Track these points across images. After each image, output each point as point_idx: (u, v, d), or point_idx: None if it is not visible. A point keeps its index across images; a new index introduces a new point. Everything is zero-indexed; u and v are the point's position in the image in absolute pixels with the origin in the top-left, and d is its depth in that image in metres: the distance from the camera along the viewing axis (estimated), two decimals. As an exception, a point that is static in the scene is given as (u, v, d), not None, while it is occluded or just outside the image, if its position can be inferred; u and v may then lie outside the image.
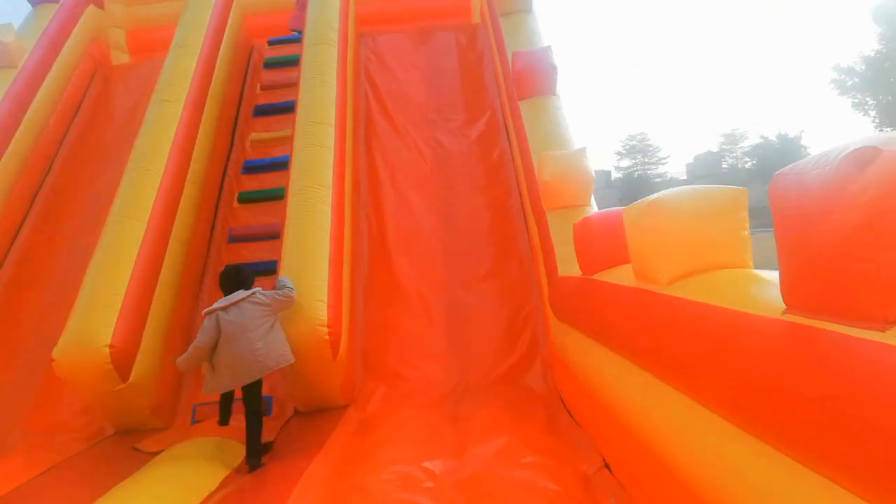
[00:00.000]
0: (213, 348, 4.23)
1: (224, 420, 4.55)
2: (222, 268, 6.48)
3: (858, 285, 1.39)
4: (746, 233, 2.55)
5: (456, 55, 8.72)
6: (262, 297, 4.37)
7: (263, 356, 4.25)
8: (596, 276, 3.79)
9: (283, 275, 4.94)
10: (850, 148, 1.37)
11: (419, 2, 9.89)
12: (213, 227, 7.07)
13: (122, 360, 4.73)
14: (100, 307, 4.83)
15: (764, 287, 2.03)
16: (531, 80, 6.43)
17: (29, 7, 8.18)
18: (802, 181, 1.52)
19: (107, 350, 4.63)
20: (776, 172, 1.68)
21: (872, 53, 32.53)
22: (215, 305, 4.31)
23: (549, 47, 6.80)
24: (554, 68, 6.50)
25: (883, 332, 1.34)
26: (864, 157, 1.33)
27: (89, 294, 4.92)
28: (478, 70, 8.46)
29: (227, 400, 4.50)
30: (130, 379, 4.86)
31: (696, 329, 2.21)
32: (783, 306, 1.71)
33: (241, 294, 4.32)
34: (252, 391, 4.35)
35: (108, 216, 5.54)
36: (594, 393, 3.90)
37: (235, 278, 4.46)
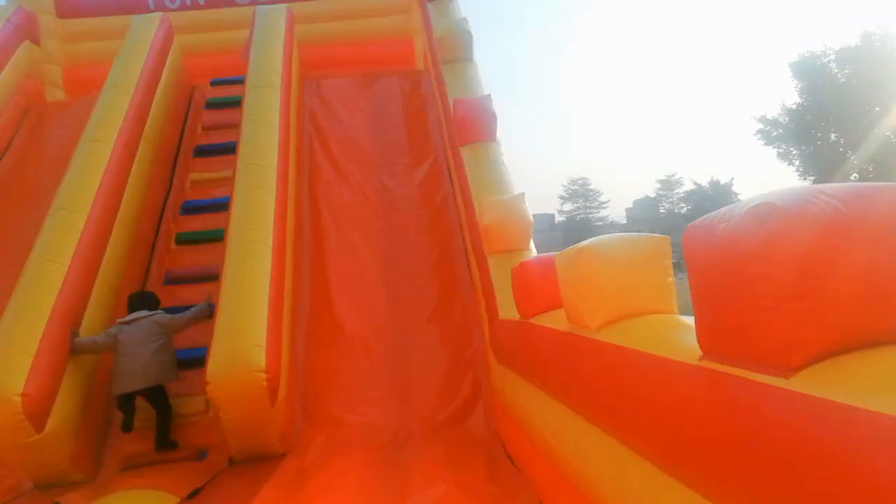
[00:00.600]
0: (110, 350, 5.10)
1: (127, 426, 5.08)
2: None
3: (764, 333, 1.46)
4: (670, 279, 2.64)
5: (400, 100, 8.86)
6: (161, 318, 5.18)
7: (153, 368, 5.04)
8: (533, 320, 3.84)
9: (218, 317, 4.89)
10: (751, 203, 1.46)
11: (365, 48, 10.05)
12: (148, 269, 6.87)
13: (37, 410, 4.46)
14: (13, 354, 4.57)
15: (685, 332, 2.10)
16: (471, 127, 6.58)
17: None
18: (711, 234, 1.60)
19: (18, 399, 4.36)
20: (690, 224, 1.76)
21: (794, 106, 34.62)
22: (121, 319, 5.17)
23: (488, 95, 7.00)
24: (493, 116, 6.69)
25: (787, 378, 1.40)
26: (762, 213, 1.41)
27: (2, 340, 4.66)
28: (422, 115, 8.61)
29: (126, 406, 5.06)
30: (46, 430, 4.57)
31: (622, 373, 2.27)
32: (700, 352, 1.78)
33: (143, 313, 5.20)
34: (153, 394, 5.15)
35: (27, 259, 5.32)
36: (532, 437, 3.91)
37: (140, 300, 5.40)
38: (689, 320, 2.26)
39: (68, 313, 5.10)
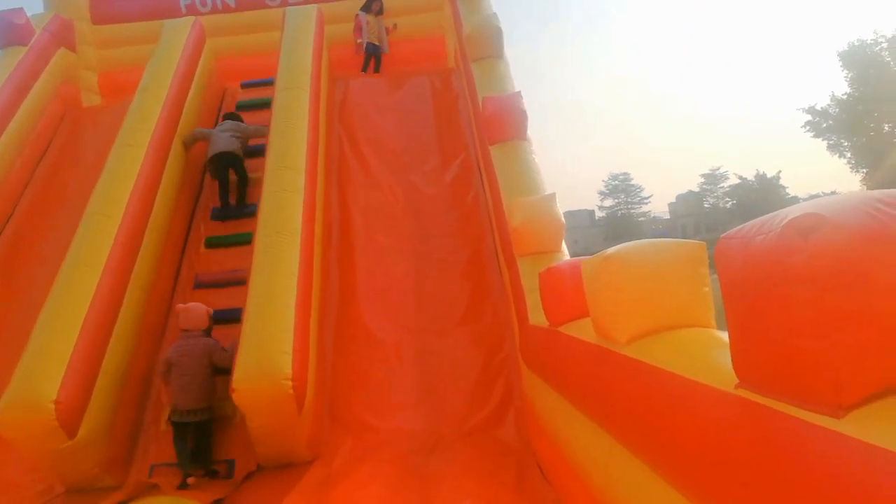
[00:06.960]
0: (207, 138, 7.49)
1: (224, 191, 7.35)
2: None
3: (810, 365, 1.27)
4: (707, 289, 2.43)
5: (431, 99, 8.70)
6: (239, 124, 7.60)
7: (232, 146, 7.27)
8: (561, 328, 3.66)
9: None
10: (792, 214, 1.27)
11: (396, 47, 9.91)
12: (178, 273, 6.88)
13: (69, 417, 4.48)
14: (46, 360, 4.59)
15: (721, 352, 1.90)
16: (501, 125, 6.39)
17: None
18: (748, 247, 1.41)
19: (52, 406, 4.38)
20: (724, 234, 1.57)
21: (844, 96, 33.35)
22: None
23: (518, 93, 6.79)
24: (523, 113, 6.48)
25: (838, 419, 1.21)
26: (806, 226, 1.22)
27: (36, 347, 4.68)
28: (452, 113, 8.44)
29: (220, 172, 7.32)
30: (78, 436, 4.58)
31: (650, 394, 2.08)
32: (736, 379, 1.59)
33: (228, 123, 7.58)
34: (236, 166, 7.38)
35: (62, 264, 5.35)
36: (561, 451, 3.74)
37: (228, 115, 7.77)
38: (727, 337, 2.07)
39: (101, 318, 5.11)
